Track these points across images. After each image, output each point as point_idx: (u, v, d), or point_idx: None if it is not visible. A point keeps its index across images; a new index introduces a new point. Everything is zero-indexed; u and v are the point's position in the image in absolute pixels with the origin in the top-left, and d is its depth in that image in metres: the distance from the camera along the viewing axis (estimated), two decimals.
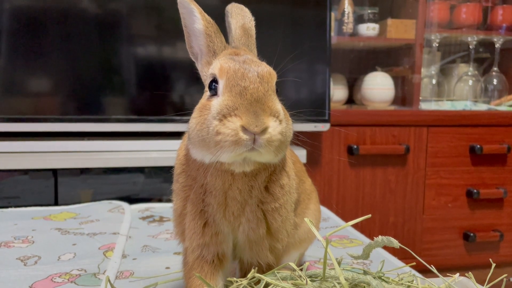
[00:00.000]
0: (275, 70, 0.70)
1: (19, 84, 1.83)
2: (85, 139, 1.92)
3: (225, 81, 0.65)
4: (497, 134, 2.52)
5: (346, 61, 2.85)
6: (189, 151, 0.72)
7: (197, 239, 0.73)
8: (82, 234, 1.32)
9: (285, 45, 2.10)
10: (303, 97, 2.17)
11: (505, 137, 2.53)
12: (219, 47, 0.73)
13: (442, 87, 2.76)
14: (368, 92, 2.57)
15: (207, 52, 0.73)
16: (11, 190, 1.82)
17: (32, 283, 0.95)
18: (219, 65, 0.66)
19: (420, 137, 2.44)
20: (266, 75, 0.66)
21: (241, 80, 0.64)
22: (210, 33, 0.72)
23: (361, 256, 0.75)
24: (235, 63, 0.66)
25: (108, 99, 1.95)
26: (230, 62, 0.67)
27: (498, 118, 2.51)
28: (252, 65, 0.66)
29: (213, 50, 0.73)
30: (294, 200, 0.80)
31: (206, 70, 0.73)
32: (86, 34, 1.90)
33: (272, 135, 0.62)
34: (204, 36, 0.72)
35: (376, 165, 2.41)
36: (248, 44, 0.77)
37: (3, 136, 1.84)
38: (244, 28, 0.77)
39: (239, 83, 0.64)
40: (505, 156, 2.54)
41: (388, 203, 2.45)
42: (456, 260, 2.56)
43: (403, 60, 2.65)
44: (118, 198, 1.77)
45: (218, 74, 0.66)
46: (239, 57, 0.69)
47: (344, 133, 2.34)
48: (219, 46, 0.73)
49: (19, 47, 1.83)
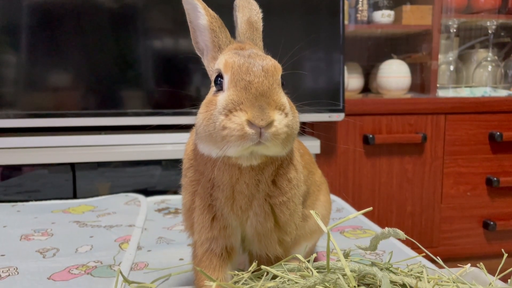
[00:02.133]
0: (288, 59, 0.70)
1: (36, 80, 1.87)
2: (102, 133, 1.96)
3: (230, 76, 0.65)
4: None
5: (361, 49, 2.81)
6: (196, 146, 0.73)
7: (206, 233, 0.74)
8: (99, 226, 1.36)
9: (298, 34, 2.08)
10: (316, 87, 2.15)
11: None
12: (224, 42, 0.73)
13: (461, 73, 2.70)
14: (384, 81, 2.54)
15: (212, 47, 0.74)
16: (32, 184, 1.87)
17: (50, 275, 0.99)
18: (224, 60, 0.67)
19: (437, 125, 2.40)
20: (271, 68, 0.66)
21: (245, 74, 0.64)
22: (215, 28, 0.72)
23: (369, 248, 0.75)
24: (239, 58, 0.66)
25: (124, 93, 1.97)
26: (235, 56, 0.67)
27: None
28: (257, 59, 0.67)
29: (218, 45, 0.73)
30: (302, 193, 0.80)
31: (212, 65, 0.74)
32: (102, 28, 1.93)
33: (278, 128, 0.62)
34: (209, 32, 0.73)
35: (393, 155, 2.38)
36: (253, 38, 0.77)
37: (23, 131, 1.89)
38: (250, 21, 0.77)
39: (244, 77, 0.64)
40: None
41: (405, 193, 2.43)
42: (476, 249, 2.53)
43: (420, 47, 2.60)
44: (135, 191, 1.80)
45: (223, 69, 0.67)
46: (244, 52, 0.69)
47: (359, 123, 2.32)
48: (224, 41, 0.73)
49: (37, 42, 1.86)
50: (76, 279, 0.96)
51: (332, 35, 2.11)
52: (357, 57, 2.76)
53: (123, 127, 1.97)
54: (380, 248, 1.16)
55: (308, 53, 2.09)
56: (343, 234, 1.29)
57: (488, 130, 2.44)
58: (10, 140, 1.81)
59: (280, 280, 0.62)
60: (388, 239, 0.74)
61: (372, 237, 0.73)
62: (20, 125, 1.82)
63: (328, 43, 2.12)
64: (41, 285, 0.94)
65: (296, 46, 2.03)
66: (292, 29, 2.08)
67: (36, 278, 0.98)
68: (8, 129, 1.83)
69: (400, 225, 2.42)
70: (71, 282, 0.95)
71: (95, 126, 1.91)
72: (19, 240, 1.23)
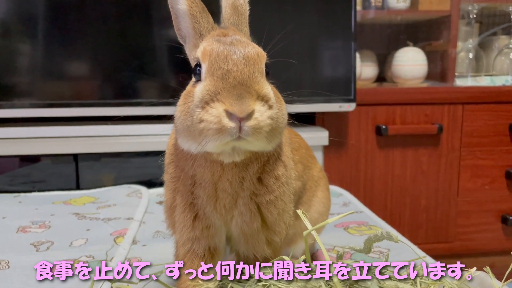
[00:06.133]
0: (306, 46, 0.64)
1: (40, 70, 1.85)
2: (109, 123, 1.93)
3: (207, 64, 0.61)
4: None
5: (375, 36, 2.71)
6: (177, 140, 0.68)
7: (187, 233, 0.70)
8: (97, 219, 1.34)
9: (307, 20, 2.00)
10: (327, 76, 2.08)
11: None
12: (205, 28, 0.68)
13: (480, 61, 2.57)
14: (399, 69, 2.44)
15: (193, 34, 0.69)
16: (37, 175, 1.86)
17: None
18: (202, 48, 0.62)
19: (454, 115, 2.30)
20: (253, 56, 0.61)
21: (223, 63, 0.59)
22: (195, 13, 0.67)
23: (363, 250, 0.70)
24: (219, 45, 0.61)
25: (130, 83, 1.94)
26: (214, 44, 0.62)
27: None
28: (239, 47, 0.61)
29: (199, 31, 0.68)
30: (293, 191, 0.75)
31: (193, 53, 0.69)
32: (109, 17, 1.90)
33: (259, 121, 0.57)
34: (189, 17, 0.68)
35: (407, 146, 2.30)
36: (238, 23, 0.71)
37: (27, 121, 1.88)
38: (235, 5, 0.72)
39: (222, 66, 0.59)
40: None
41: (420, 186, 2.34)
42: (494, 245, 2.43)
43: (437, 34, 2.49)
44: (139, 182, 1.77)
45: (201, 57, 0.62)
46: (226, 38, 0.64)
47: (372, 113, 2.24)
48: (205, 27, 0.68)
49: (43, 32, 1.84)
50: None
51: (344, 21, 2.03)
52: (371, 44, 2.66)
53: (128, 118, 1.94)
54: (385, 246, 1.11)
55: (318, 40, 2.02)
56: (347, 231, 1.24)
57: (508, 121, 2.33)
58: (13, 130, 1.80)
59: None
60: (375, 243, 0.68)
61: (365, 239, 0.68)
62: (23, 115, 1.81)
63: (339, 29, 2.04)
64: (30, 279, 0.92)
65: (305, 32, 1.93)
66: (302, 14, 2.00)
67: (26, 272, 0.96)
68: (11, 119, 1.83)
69: (413, 219, 2.34)
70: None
71: (99, 116, 1.88)
72: (15, 232, 1.22)
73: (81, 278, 0.64)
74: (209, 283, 0.59)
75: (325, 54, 2.05)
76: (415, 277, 0.62)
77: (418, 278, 0.69)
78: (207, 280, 0.59)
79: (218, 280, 0.62)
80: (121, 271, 0.63)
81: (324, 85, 2.03)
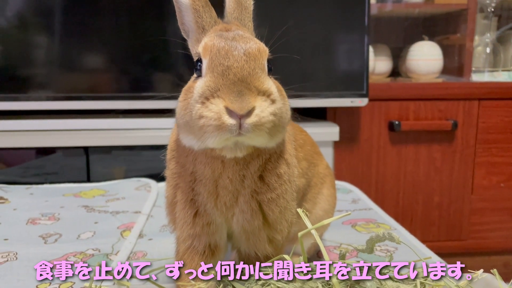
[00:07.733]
0: (318, 39, 0.63)
1: (61, 63, 1.87)
2: (120, 116, 1.94)
3: (208, 60, 0.60)
4: None
5: (390, 30, 2.66)
6: (178, 136, 0.68)
7: (188, 229, 0.69)
8: (106, 212, 1.35)
9: (320, 13, 1.97)
10: (339, 70, 2.05)
11: None
12: (208, 23, 0.67)
13: (498, 56, 2.51)
14: (414, 64, 2.40)
15: (196, 28, 0.68)
16: (49, 167, 1.89)
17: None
18: (204, 43, 0.61)
19: (470, 111, 2.25)
20: (254, 52, 0.60)
21: (224, 59, 0.58)
22: (198, 8, 0.66)
23: (365, 250, 0.68)
24: (220, 40, 0.60)
25: (142, 76, 1.95)
26: (215, 39, 0.61)
27: None
28: (240, 42, 0.60)
29: (202, 26, 0.67)
30: (296, 189, 0.74)
31: (196, 48, 0.68)
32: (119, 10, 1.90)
33: (261, 117, 0.56)
34: (192, 11, 0.67)
35: (420, 142, 2.26)
36: (242, 18, 0.70)
37: (37, 114, 1.89)
38: (239, 0, 0.71)
39: (222, 62, 0.58)
40: None
41: (433, 183, 2.31)
42: (508, 243, 2.38)
43: (454, 28, 2.43)
44: (150, 176, 1.78)
45: (202, 52, 0.61)
46: (228, 33, 0.63)
47: (384, 108, 2.21)
48: (208, 21, 0.67)
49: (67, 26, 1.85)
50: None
51: (357, 14, 1.99)
52: (386, 38, 2.62)
53: (139, 111, 1.95)
54: (392, 245, 1.09)
55: (331, 34, 1.99)
56: (354, 228, 1.22)
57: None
58: (25, 122, 1.82)
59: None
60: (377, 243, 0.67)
61: (367, 239, 0.66)
62: (38, 108, 1.83)
63: (352, 22, 2.00)
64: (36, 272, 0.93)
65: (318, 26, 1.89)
66: (315, 7, 1.97)
67: (32, 264, 0.97)
68: (22, 111, 1.85)
69: (426, 216, 2.31)
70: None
71: (111, 110, 1.89)
72: (25, 224, 1.24)
73: (81, 278, 0.64)
74: (201, 283, 0.58)
75: (337, 48, 2.02)
76: (415, 277, 0.61)
77: (418, 279, 0.67)
78: (201, 281, 0.59)
79: (218, 280, 0.62)
80: (121, 271, 0.63)
81: (335, 80, 2.00)
